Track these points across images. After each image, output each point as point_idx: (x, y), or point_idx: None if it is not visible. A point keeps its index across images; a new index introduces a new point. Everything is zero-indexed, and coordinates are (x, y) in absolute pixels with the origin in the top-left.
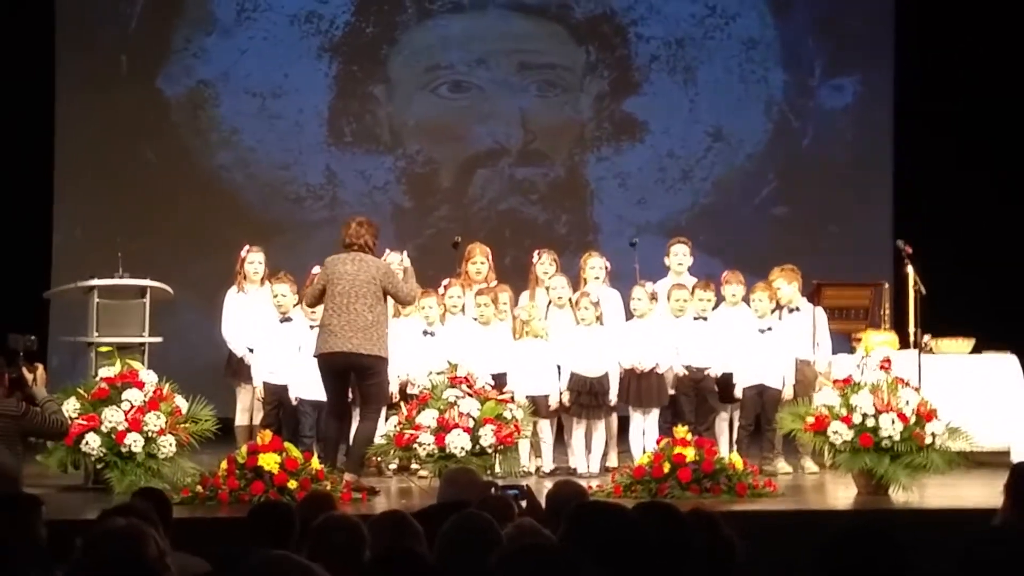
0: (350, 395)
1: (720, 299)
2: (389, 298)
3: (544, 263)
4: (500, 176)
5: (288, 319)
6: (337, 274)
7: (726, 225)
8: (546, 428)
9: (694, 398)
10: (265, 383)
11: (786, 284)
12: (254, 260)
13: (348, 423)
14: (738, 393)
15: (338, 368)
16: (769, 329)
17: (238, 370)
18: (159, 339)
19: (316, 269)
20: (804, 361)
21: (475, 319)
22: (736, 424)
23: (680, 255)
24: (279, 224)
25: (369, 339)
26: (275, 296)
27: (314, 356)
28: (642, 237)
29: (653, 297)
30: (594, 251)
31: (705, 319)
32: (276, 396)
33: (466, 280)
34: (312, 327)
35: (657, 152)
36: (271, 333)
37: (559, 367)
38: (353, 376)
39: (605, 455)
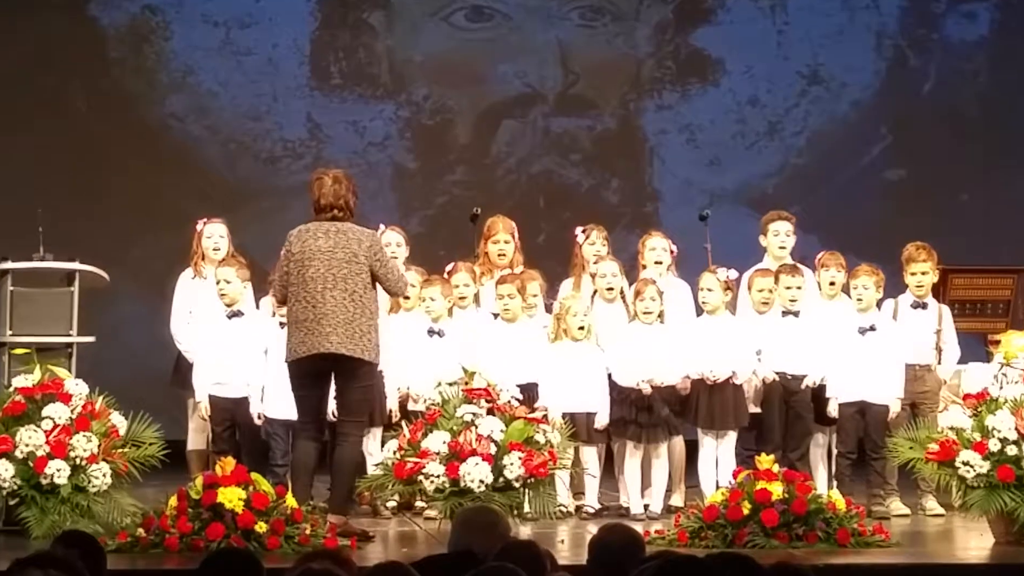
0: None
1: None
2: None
3: (592, 243)
4: (532, 129)
5: (237, 313)
6: (308, 252)
7: (824, 193)
8: (591, 456)
9: (783, 416)
10: (211, 397)
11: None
12: (213, 235)
13: (326, 446)
14: (833, 410)
15: (315, 375)
16: (872, 328)
17: (189, 379)
18: (91, 339)
19: None
20: (925, 367)
21: (497, 314)
22: (835, 452)
23: (783, 234)
24: (247, 190)
25: (352, 336)
26: (218, 283)
27: (286, 362)
28: (716, 208)
29: (728, 287)
30: (655, 230)
31: (796, 314)
32: (227, 414)
33: (486, 264)
34: (283, 324)
35: (735, 99)
36: (217, 331)
37: (608, 376)
38: (333, 383)
39: (667, 491)
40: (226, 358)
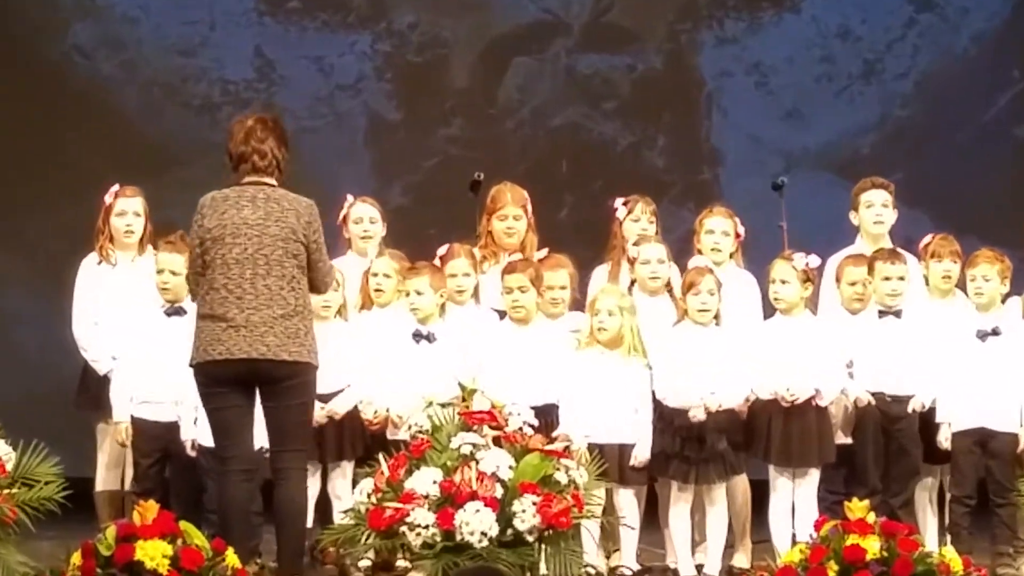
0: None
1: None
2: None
3: (636, 219)
4: (553, 69)
5: (179, 311)
6: (230, 226)
7: (936, 156)
8: (627, 502)
9: (882, 450)
10: (135, 419)
11: None
12: (127, 210)
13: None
14: (945, 441)
15: (232, 384)
16: (994, 333)
17: (98, 397)
18: None
19: None
20: None
21: (503, 312)
22: (948, 496)
23: (878, 207)
24: (175, 149)
25: (293, 336)
26: (159, 272)
27: (191, 366)
28: (794, 175)
29: (808, 278)
30: (716, 204)
31: (897, 315)
32: (157, 443)
33: (490, 246)
34: None
35: (820, 31)
36: (149, 333)
37: (653, 395)
38: (258, 398)
39: (728, 547)
40: (159, 368)
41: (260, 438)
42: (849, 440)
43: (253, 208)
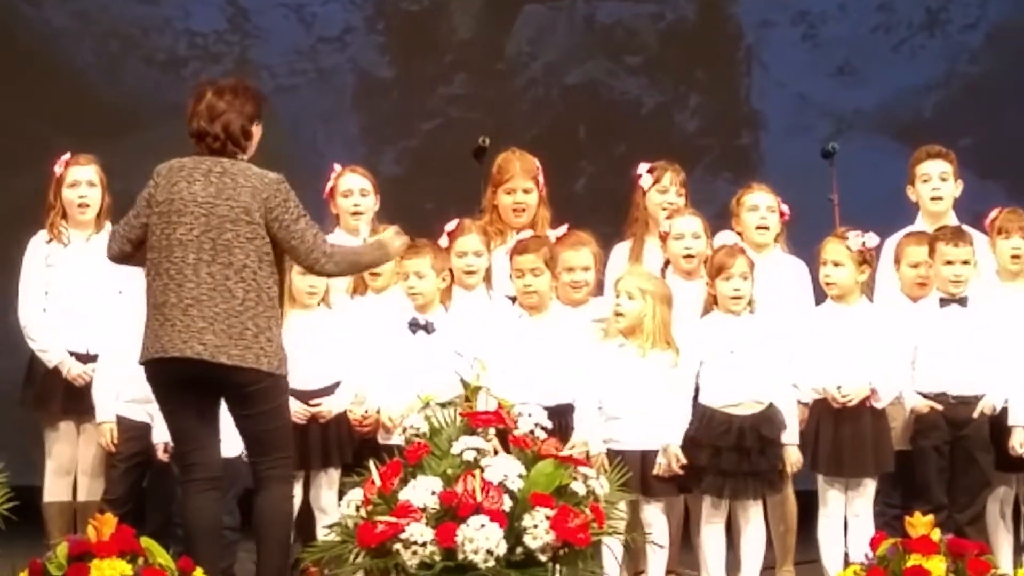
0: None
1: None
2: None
3: (664, 190)
4: (568, 18)
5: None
6: (177, 201)
7: (1010, 118)
8: (655, 515)
9: (947, 458)
10: (121, 418)
11: None
12: (80, 180)
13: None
14: (1020, 446)
15: (182, 386)
16: None
17: (47, 393)
18: None
19: None
20: None
21: (514, 298)
22: None
23: (935, 180)
24: (135, 111)
25: (237, 336)
26: None
27: (140, 363)
28: (847, 140)
29: (865, 260)
30: (757, 180)
31: (962, 302)
32: (139, 445)
33: (496, 222)
34: None
35: None
36: (131, 322)
37: (685, 393)
38: (228, 405)
39: (770, 567)
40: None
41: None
42: (908, 447)
43: (205, 183)
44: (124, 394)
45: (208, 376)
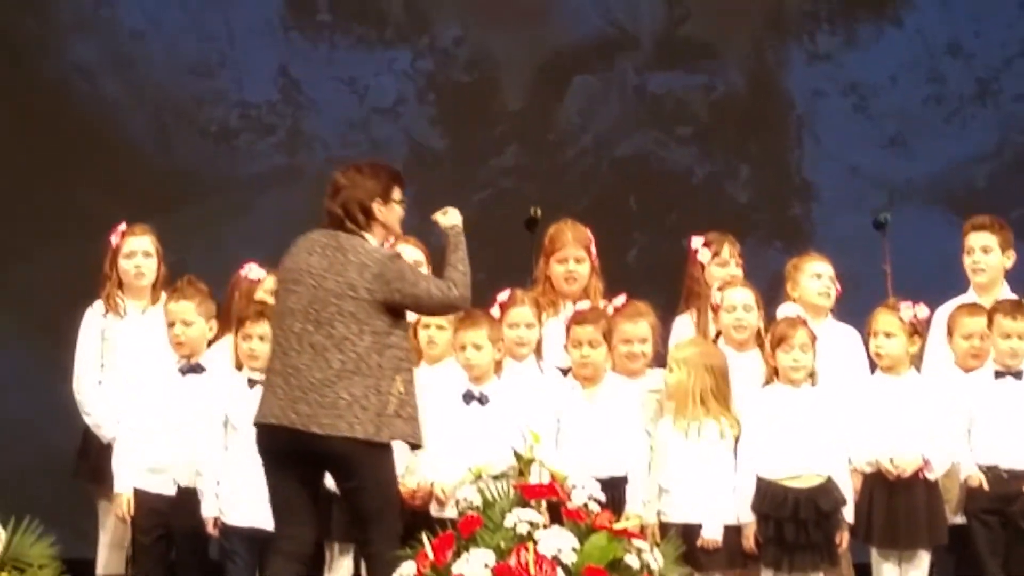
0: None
1: None
2: (405, 324)
3: (723, 263)
4: (620, 90)
5: (196, 368)
6: (294, 272)
7: None
8: None
9: (1000, 531)
10: (139, 491)
11: None
12: (136, 250)
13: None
14: None
15: (283, 456)
16: None
17: (102, 466)
18: None
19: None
20: None
21: (567, 370)
22: None
23: (977, 251)
24: (188, 181)
25: (330, 406)
26: (171, 324)
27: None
28: (899, 211)
29: (916, 331)
30: (813, 250)
31: (1018, 376)
32: (160, 519)
33: (548, 292)
34: (253, 381)
35: (927, 45)
36: (161, 393)
37: (741, 465)
38: (333, 480)
39: None
40: (171, 434)
41: None
42: (962, 520)
43: (321, 256)
44: (144, 464)
45: (305, 447)
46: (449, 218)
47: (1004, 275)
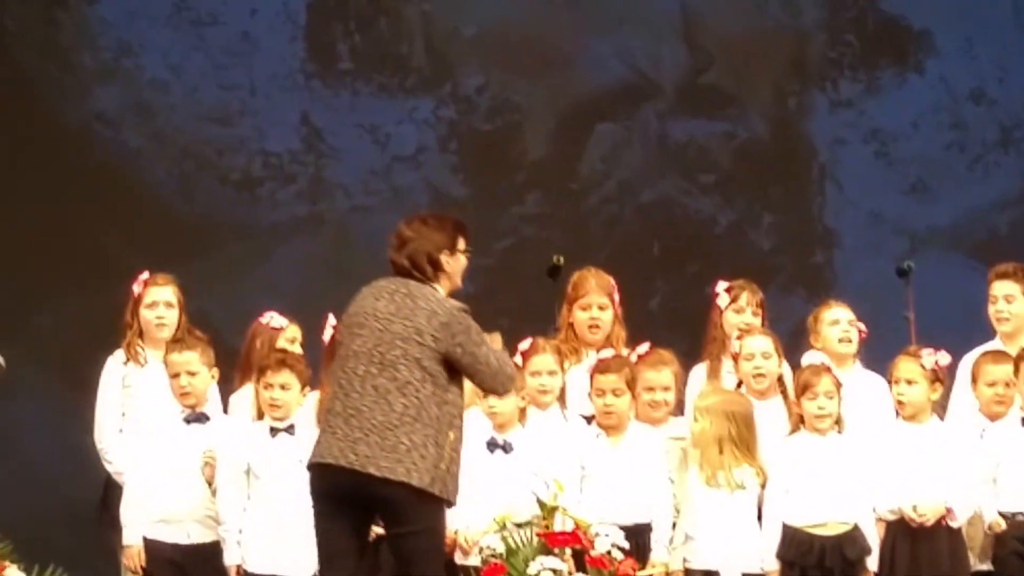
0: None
1: None
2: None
3: (739, 309)
4: (642, 137)
5: (200, 417)
6: (359, 315)
7: None
8: None
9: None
10: (148, 540)
11: None
12: (158, 300)
13: None
14: None
15: (336, 500)
16: None
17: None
18: None
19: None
20: None
21: (591, 418)
22: None
23: (1001, 300)
24: (211, 230)
25: (391, 449)
26: (174, 376)
27: (307, 467)
28: (921, 258)
29: (938, 378)
30: (831, 300)
31: None
32: (173, 570)
33: (571, 340)
34: (276, 429)
35: (951, 92)
36: (167, 442)
37: (764, 511)
38: (383, 524)
39: None
40: (178, 483)
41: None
42: (987, 567)
43: (388, 301)
44: (155, 514)
45: (359, 489)
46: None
47: None
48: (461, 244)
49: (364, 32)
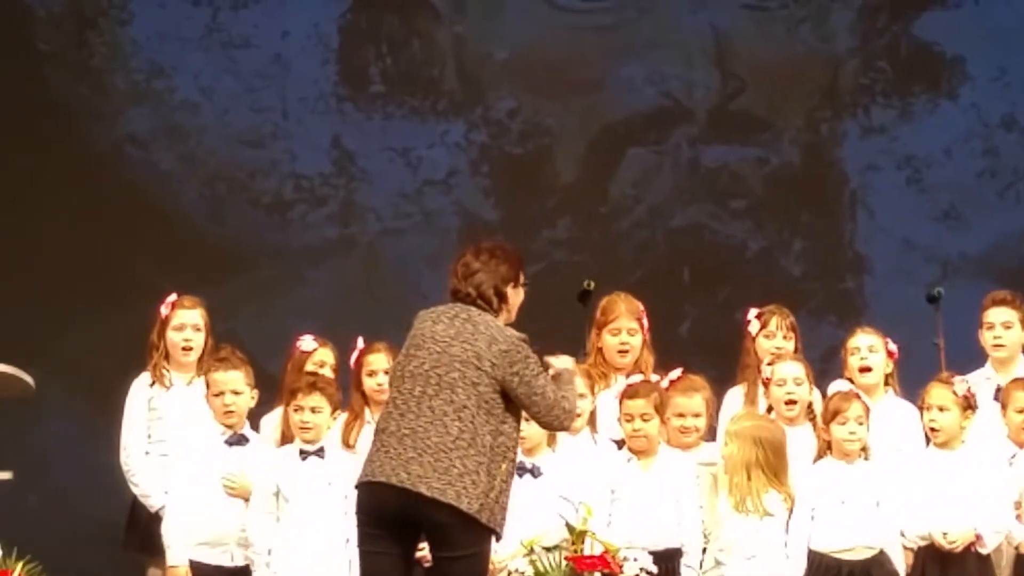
0: None
1: None
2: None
3: (770, 334)
4: (673, 163)
5: (241, 439)
6: (419, 338)
7: None
8: None
9: None
10: (196, 563)
11: None
12: (185, 323)
13: None
14: None
15: (385, 521)
16: None
17: (151, 536)
18: (7, 475)
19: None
20: None
21: (621, 442)
22: None
23: (998, 327)
24: (240, 253)
25: (443, 471)
26: (217, 394)
27: (355, 487)
28: (952, 285)
29: (970, 405)
30: (865, 323)
31: None
32: None
33: (599, 364)
34: (305, 452)
35: (981, 119)
36: (209, 465)
37: (790, 537)
38: (428, 546)
39: None
40: (220, 504)
41: None
42: None
43: (448, 325)
44: (199, 537)
45: (408, 509)
46: (562, 361)
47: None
48: (522, 278)
49: (396, 55)
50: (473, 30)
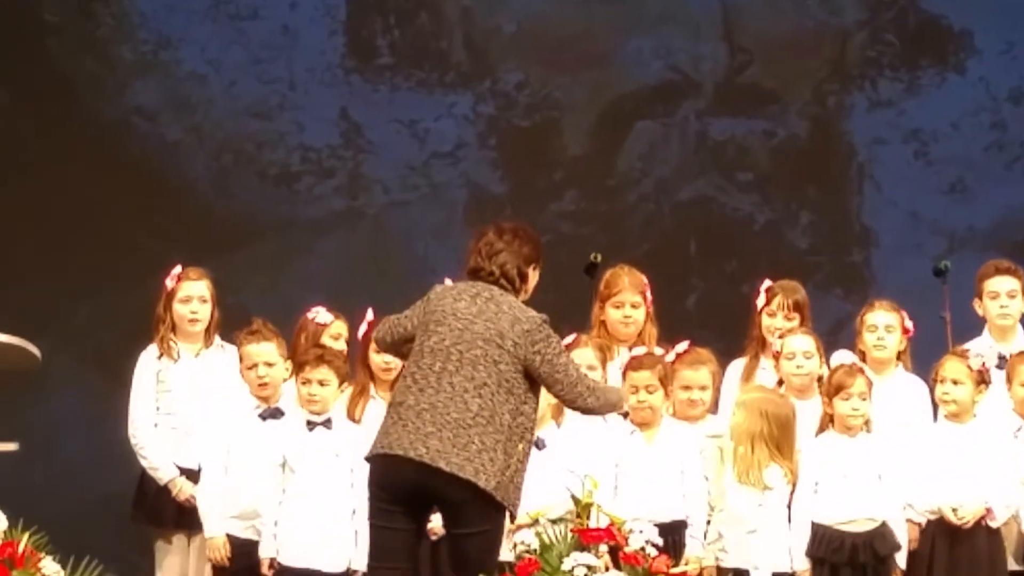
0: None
1: None
2: (538, 389)
3: (771, 312)
4: (681, 135)
5: (276, 413)
6: (440, 313)
7: None
8: None
9: None
10: (231, 537)
11: None
12: (191, 295)
13: None
14: None
15: (399, 496)
16: None
17: (160, 508)
18: (12, 446)
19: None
20: None
21: (626, 414)
22: None
23: (1003, 296)
24: (247, 224)
25: (462, 447)
26: (251, 366)
27: (365, 459)
28: (959, 258)
29: (982, 379)
30: (875, 302)
31: None
32: (248, 561)
33: (603, 336)
34: (313, 423)
35: (989, 93)
36: (242, 438)
37: (793, 510)
38: (442, 520)
39: None
40: (253, 479)
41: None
42: (1021, 567)
43: (470, 303)
44: (227, 511)
45: (424, 483)
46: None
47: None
48: (541, 260)
49: (404, 27)
50: (481, 2)
